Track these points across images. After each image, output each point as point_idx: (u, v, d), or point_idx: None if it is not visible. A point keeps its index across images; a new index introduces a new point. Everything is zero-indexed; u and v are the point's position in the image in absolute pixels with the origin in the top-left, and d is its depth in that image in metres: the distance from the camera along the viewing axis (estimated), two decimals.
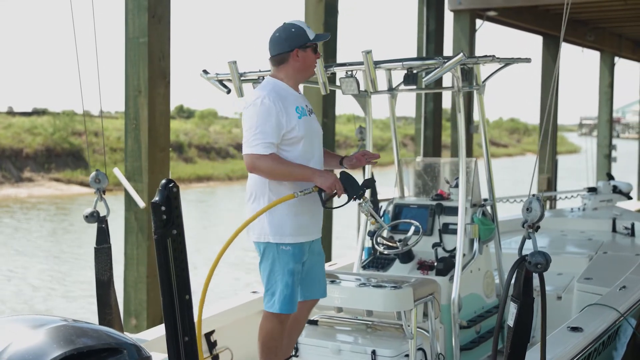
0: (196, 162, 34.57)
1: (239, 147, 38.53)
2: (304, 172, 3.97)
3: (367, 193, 4.96)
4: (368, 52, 4.47)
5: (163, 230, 2.88)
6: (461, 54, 4.39)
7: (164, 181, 2.92)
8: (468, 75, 5.01)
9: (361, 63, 4.62)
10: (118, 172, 6.21)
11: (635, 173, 20.25)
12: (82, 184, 29.47)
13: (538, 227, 3.48)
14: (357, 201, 4.10)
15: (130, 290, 6.39)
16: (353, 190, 4.02)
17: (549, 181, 14.66)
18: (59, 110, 35.54)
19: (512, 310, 3.48)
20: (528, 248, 3.45)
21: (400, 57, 4.83)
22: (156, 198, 2.87)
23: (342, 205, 4.13)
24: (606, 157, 17.97)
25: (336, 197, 4.07)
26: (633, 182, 12.77)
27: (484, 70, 5.37)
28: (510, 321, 3.48)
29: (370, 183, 4.18)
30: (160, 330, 4.88)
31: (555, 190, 14.60)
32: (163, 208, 2.87)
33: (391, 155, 6.11)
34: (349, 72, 4.79)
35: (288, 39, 4.06)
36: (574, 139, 68.56)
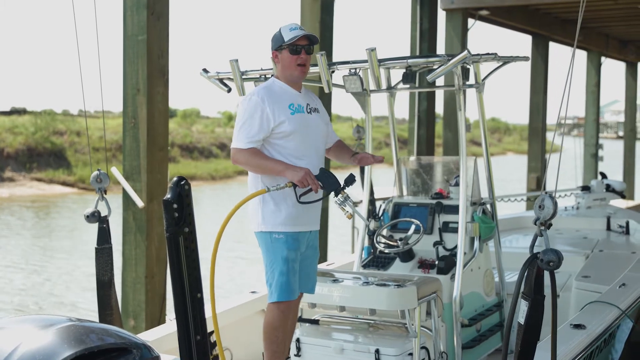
0: (179, 162, 34.43)
1: (222, 146, 38.56)
2: (277, 166, 4.10)
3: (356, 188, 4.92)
4: (372, 50, 4.47)
5: (175, 228, 2.85)
6: (466, 51, 4.39)
7: (175, 178, 2.90)
8: (466, 74, 5.00)
9: (365, 61, 4.61)
10: (116, 172, 6.16)
11: (620, 172, 20.35)
12: (65, 183, 29.30)
13: (550, 225, 3.47)
14: (335, 197, 4.12)
15: (129, 291, 6.33)
16: (330, 185, 4.08)
17: (538, 180, 14.72)
18: (39, 109, 35.29)
19: (522, 307, 3.47)
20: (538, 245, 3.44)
21: (391, 57, 4.83)
22: (168, 195, 2.85)
23: (318, 200, 4.17)
24: (593, 156, 18.06)
25: (313, 192, 4.09)
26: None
27: (482, 68, 5.37)
28: (521, 319, 3.47)
29: (350, 180, 4.16)
30: (159, 332, 4.84)
31: (544, 189, 14.65)
32: (175, 206, 2.85)
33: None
34: (353, 70, 4.78)
35: (271, 42, 4.29)
36: (552, 138, 69.07)
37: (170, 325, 5.03)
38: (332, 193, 4.10)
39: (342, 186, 4.09)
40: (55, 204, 25.62)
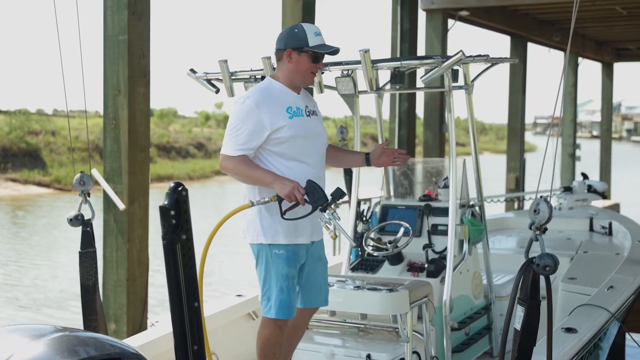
0: (156, 162, 34.18)
1: (199, 146, 38.43)
2: (265, 177, 3.88)
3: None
4: (366, 51, 4.40)
5: (172, 236, 2.78)
6: (460, 52, 4.35)
7: (172, 184, 2.83)
8: (455, 75, 4.96)
9: (356, 62, 4.55)
10: (96, 174, 6.06)
11: (597, 172, 20.50)
12: (40, 184, 28.99)
13: (545, 229, 3.43)
14: (322, 213, 3.85)
15: (110, 294, 6.22)
16: (316, 200, 3.81)
17: (517, 180, 14.78)
18: (12, 108, 34.92)
19: (519, 313, 3.43)
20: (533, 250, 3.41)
21: (383, 58, 4.78)
22: (165, 202, 2.78)
23: (304, 217, 3.89)
24: (570, 156, 18.17)
25: (300, 206, 3.86)
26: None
27: (470, 70, 5.34)
28: (518, 324, 3.43)
29: (338, 194, 3.89)
30: (143, 338, 4.76)
31: (523, 189, 14.74)
32: (172, 212, 2.78)
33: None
34: (345, 72, 4.72)
35: (287, 37, 3.99)
36: (528, 138, 70.21)
37: (153, 330, 4.96)
38: (319, 209, 3.83)
39: (329, 201, 3.83)
40: (36, 203, 25.42)
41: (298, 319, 4.15)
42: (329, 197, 3.85)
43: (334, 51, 4.03)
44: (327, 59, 4.30)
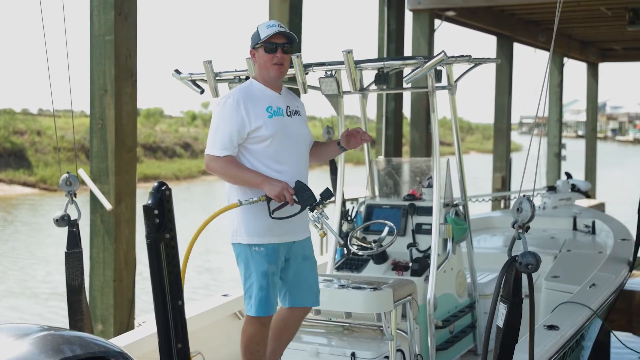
0: (142, 162, 34.10)
1: (185, 146, 38.37)
2: (254, 179, 3.94)
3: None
4: (349, 52, 4.44)
5: (156, 235, 2.81)
6: (442, 53, 4.39)
7: (156, 184, 2.86)
8: (438, 75, 5.01)
9: (340, 62, 4.59)
10: (83, 174, 6.07)
11: (582, 171, 20.59)
12: (25, 184, 28.87)
13: (528, 228, 3.48)
14: (310, 212, 3.98)
15: (96, 295, 6.21)
16: (305, 200, 3.92)
17: (503, 180, 14.84)
18: None
19: (501, 310, 3.48)
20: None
21: (366, 59, 4.81)
22: (149, 201, 2.81)
23: (291, 216, 3.98)
24: (556, 155, 18.24)
25: (288, 206, 3.95)
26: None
27: (453, 70, 5.38)
28: (500, 322, 3.47)
29: (326, 195, 4.01)
30: (129, 338, 4.77)
31: (509, 189, 14.80)
32: (156, 212, 2.81)
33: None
34: (329, 72, 4.75)
35: (250, 40, 4.15)
36: (514, 138, 70.55)
37: (139, 330, 4.98)
38: (307, 208, 3.95)
39: (318, 201, 3.94)
40: (22, 204, 25.34)
41: (287, 318, 4.20)
42: (318, 198, 3.94)
43: (284, 34, 4.04)
44: (311, 59, 4.35)
